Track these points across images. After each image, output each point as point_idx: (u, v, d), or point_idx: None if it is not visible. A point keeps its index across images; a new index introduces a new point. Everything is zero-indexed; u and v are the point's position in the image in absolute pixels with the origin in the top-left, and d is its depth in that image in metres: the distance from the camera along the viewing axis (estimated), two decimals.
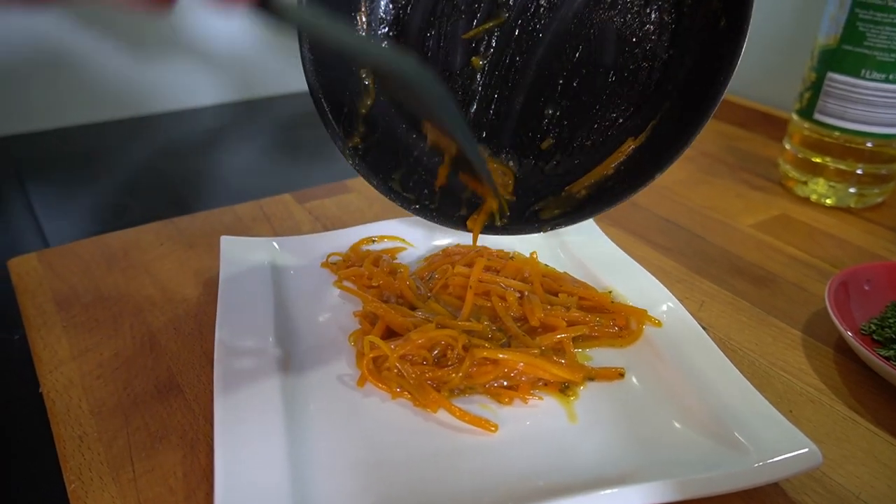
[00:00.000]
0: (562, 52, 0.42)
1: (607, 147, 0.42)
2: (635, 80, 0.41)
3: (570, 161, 0.43)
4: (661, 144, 0.39)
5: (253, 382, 0.35)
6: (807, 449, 0.32)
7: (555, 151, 0.43)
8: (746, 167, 0.70)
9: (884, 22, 0.52)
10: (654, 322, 0.41)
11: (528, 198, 0.43)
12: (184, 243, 0.53)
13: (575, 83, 0.42)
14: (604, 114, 0.41)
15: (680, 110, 0.38)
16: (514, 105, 0.43)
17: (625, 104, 0.41)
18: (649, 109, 0.40)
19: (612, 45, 0.41)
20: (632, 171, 0.40)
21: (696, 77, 0.38)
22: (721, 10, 0.35)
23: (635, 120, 0.41)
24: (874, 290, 0.45)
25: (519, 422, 0.35)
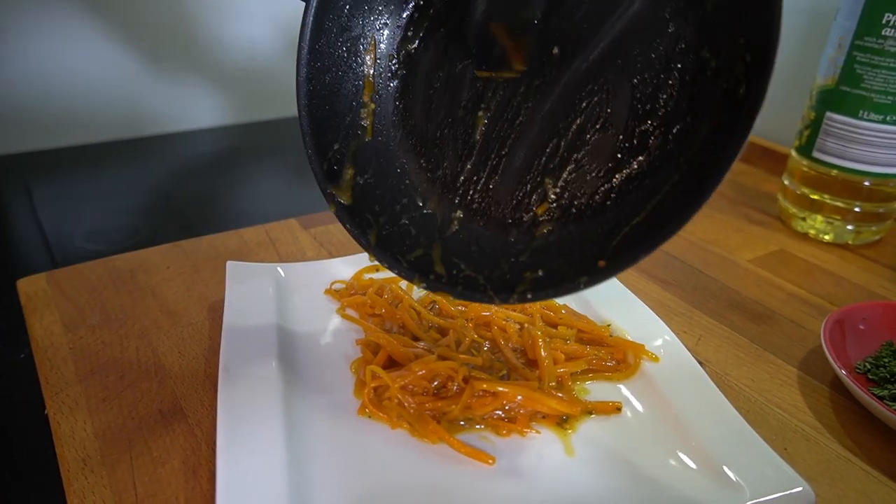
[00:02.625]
0: (570, 109, 0.38)
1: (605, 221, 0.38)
2: (645, 149, 0.37)
3: (564, 230, 0.38)
4: (658, 223, 0.35)
5: (255, 409, 0.36)
6: (801, 488, 0.32)
7: (549, 219, 0.39)
8: (747, 201, 0.71)
9: (881, 65, 0.54)
10: (652, 357, 0.42)
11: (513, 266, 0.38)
12: (190, 267, 0.53)
13: (580, 144, 0.38)
14: (606, 181, 0.38)
15: (685, 185, 0.35)
16: (513, 161, 0.40)
17: (630, 175, 0.37)
18: (654, 185, 0.37)
19: (624, 107, 0.37)
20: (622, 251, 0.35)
21: (707, 150, 0.34)
22: (743, 77, 0.32)
23: (638, 195, 0.37)
24: (869, 328, 0.45)
25: (516, 454, 0.36)
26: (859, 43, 0.55)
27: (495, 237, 0.39)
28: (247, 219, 0.62)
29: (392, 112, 0.41)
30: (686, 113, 0.35)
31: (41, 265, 0.54)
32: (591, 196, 0.37)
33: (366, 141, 0.41)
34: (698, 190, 0.32)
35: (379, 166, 0.40)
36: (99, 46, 0.84)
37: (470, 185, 0.40)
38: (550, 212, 0.38)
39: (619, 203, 0.37)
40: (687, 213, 0.32)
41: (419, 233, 0.39)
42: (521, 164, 0.39)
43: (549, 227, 0.38)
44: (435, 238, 0.39)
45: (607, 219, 0.37)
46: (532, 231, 0.38)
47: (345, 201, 0.38)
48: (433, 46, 0.41)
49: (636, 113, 0.37)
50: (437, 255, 0.38)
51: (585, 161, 0.38)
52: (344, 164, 0.39)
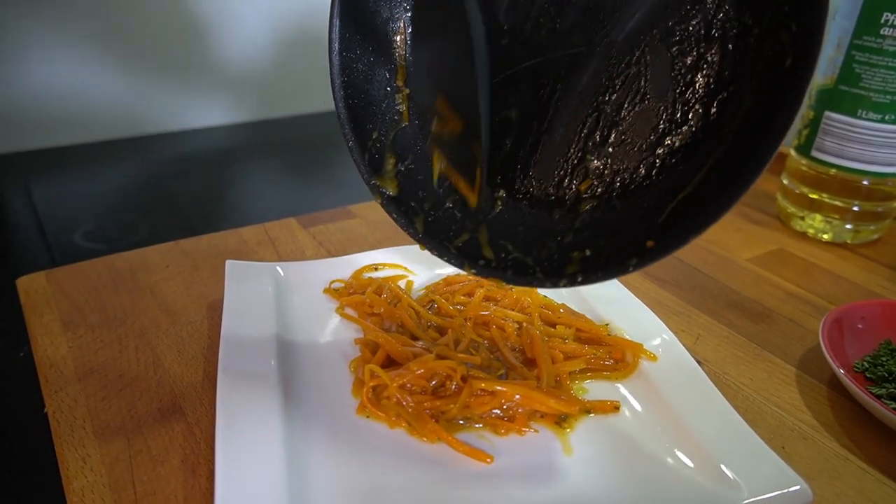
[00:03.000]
0: (609, 82, 0.37)
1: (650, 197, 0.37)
2: (687, 121, 0.36)
3: (608, 207, 0.38)
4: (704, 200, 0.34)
5: (254, 407, 0.36)
6: (798, 486, 0.32)
7: (592, 195, 0.38)
8: (745, 201, 0.71)
9: (879, 65, 0.54)
10: (650, 356, 0.42)
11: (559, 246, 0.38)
12: (189, 266, 0.54)
13: (620, 118, 0.37)
14: (649, 155, 0.37)
15: (732, 159, 0.34)
16: (553, 138, 0.39)
17: (674, 148, 0.37)
18: (699, 157, 0.36)
19: (664, 78, 0.36)
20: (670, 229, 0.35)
21: (753, 121, 0.33)
22: (789, 47, 0.31)
23: (683, 168, 0.36)
24: (868, 327, 0.45)
25: (515, 453, 0.36)
26: (858, 42, 0.55)
27: (539, 216, 0.38)
28: (246, 218, 0.62)
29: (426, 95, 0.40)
30: (729, 83, 0.34)
31: (41, 264, 0.54)
32: (634, 171, 0.37)
33: (403, 127, 0.40)
34: (747, 165, 0.31)
35: (418, 152, 0.40)
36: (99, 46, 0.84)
37: (510, 163, 0.39)
38: (593, 188, 0.38)
39: (663, 178, 0.36)
40: (736, 190, 0.31)
41: (464, 216, 0.39)
42: (561, 141, 0.38)
43: (592, 203, 0.38)
44: (480, 220, 0.39)
45: (652, 195, 0.36)
46: (576, 209, 0.38)
47: (391, 192, 0.38)
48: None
49: (676, 84, 0.36)
50: (484, 239, 0.38)
51: (627, 135, 0.37)
52: (384, 152, 0.39)
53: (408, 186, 0.39)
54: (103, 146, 0.88)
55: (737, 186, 0.31)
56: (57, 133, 0.86)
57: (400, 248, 0.52)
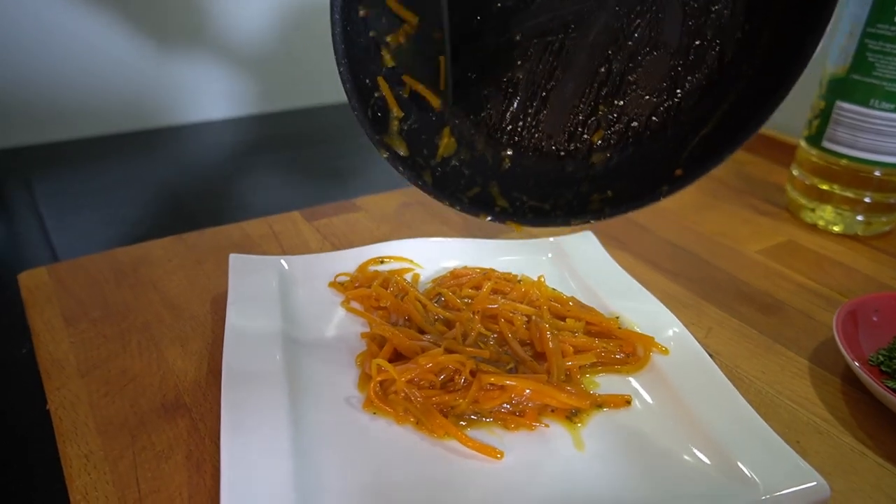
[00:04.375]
0: (619, 33, 0.37)
1: (667, 140, 0.37)
2: (703, 63, 0.35)
3: (623, 154, 0.37)
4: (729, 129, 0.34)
5: (259, 403, 0.35)
6: (815, 482, 0.32)
7: (606, 145, 0.38)
8: (754, 192, 0.70)
9: (893, 53, 0.53)
10: (661, 349, 0.41)
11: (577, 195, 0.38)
12: (192, 259, 0.53)
13: (632, 68, 0.37)
14: (665, 102, 0.36)
15: (756, 88, 0.33)
16: (563, 92, 0.38)
17: (690, 91, 0.36)
18: (718, 95, 0.35)
19: (676, 22, 0.35)
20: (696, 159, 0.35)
21: (775, 53, 0.33)
22: None
23: (702, 108, 0.36)
24: (882, 320, 0.45)
25: (525, 448, 0.35)
26: (871, 30, 0.54)
27: (551, 170, 0.38)
28: (250, 211, 0.62)
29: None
30: (744, 22, 0.33)
31: (43, 259, 0.53)
32: (648, 118, 0.37)
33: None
34: (775, 86, 0.31)
35: (421, 112, 0.39)
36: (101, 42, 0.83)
37: (517, 122, 0.39)
38: (607, 138, 0.37)
39: (680, 121, 0.36)
40: (765, 110, 0.31)
41: (473, 172, 0.38)
42: (571, 95, 0.38)
43: (607, 153, 0.37)
44: (490, 176, 0.38)
45: (669, 138, 0.36)
46: (589, 159, 0.38)
47: (401, 151, 0.37)
48: None
49: (689, 29, 0.35)
50: (496, 192, 0.38)
51: (640, 83, 0.37)
52: (388, 111, 0.38)
53: (412, 144, 0.38)
54: (106, 141, 0.87)
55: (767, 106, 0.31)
56: (59, 128, 0.85)
57: (406, 241, 0.52)
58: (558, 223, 0.36)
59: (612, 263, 0.50)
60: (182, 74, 0.91)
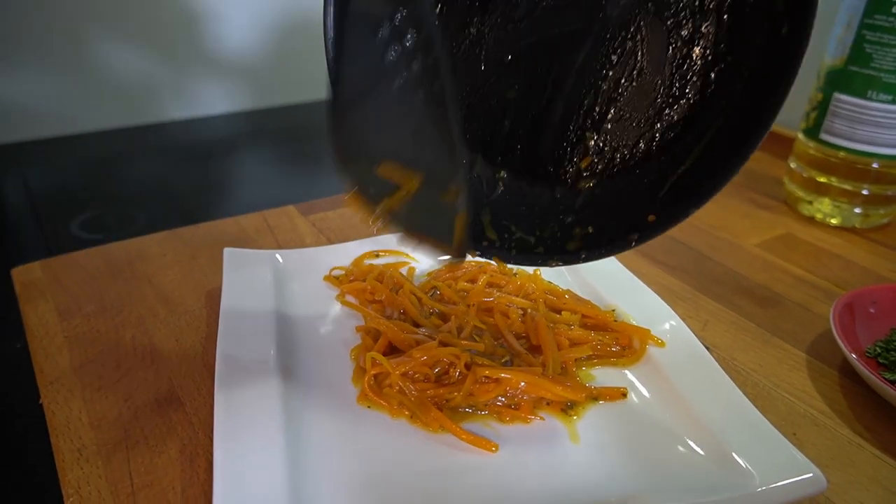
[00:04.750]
0: (605, 58, 0.37)
1: (650, 172, 0.37)
2: (685, 94, 0.36)
3: (609, 184, 0.38)
4: (703, 173, 0.34)
5: (253, 397, 0.35)
6: (811, 474, 0.31)
7: (593, 173, 0.38)
8: (752, 185, 0.70)
9: (891, 44, 0.52)
10: (657, 342, 0.41)
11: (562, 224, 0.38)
12: (187, 254, 0.53)
13: (618, 95, 0.37)
14: (648, 130, 0.37)
15: (730, 132, 0.34)
16: (552, 117, 0.38)
17: (673, 122, 0.37)
18: (699, 130, 0.36)
19: (661, 53, 0.36)
20: (671, 204, 0.36)
21: (751, 92, 0.33)
22: (784, 14, 0.31)
23: (683, 142, 0.36)
24: (879, 312, 0.44)
25: (520, 441, 0.35)
26: (869, 21, 0.53)
27: (541, 195, 0.38)
28: (245, 206, 0.61)
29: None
30: (725, 54, 0.34)
31: (37, 254, 0.53)
32: (633, 147, 0.37)
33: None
34: (744, 137, 0.31)
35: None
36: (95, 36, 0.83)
37: (511, 143, 0.39)
38: (594, 165, 0.38)
39: (662, 152, 0.36)
40: (734, 162, 0.32)
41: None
42: (561, 119, 0.38)
43: (593, 180, 0.38)
44: (483, 202, 0.38)
45: (652, 170, 0.36)
46: (577, 186, 0.38)
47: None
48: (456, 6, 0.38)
49: (673, 58, 0.36)
50: (488, 221, 0.38)
51: (625, 111, 0.37)
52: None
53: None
54: (100, 136, 0.87)
55: (735, 159, 0.32)
56: (53, 122, 0.85)
57: None
58: (538, 262, 0.36)
59: None
60: (177, 70, 0.90)
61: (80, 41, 0.82)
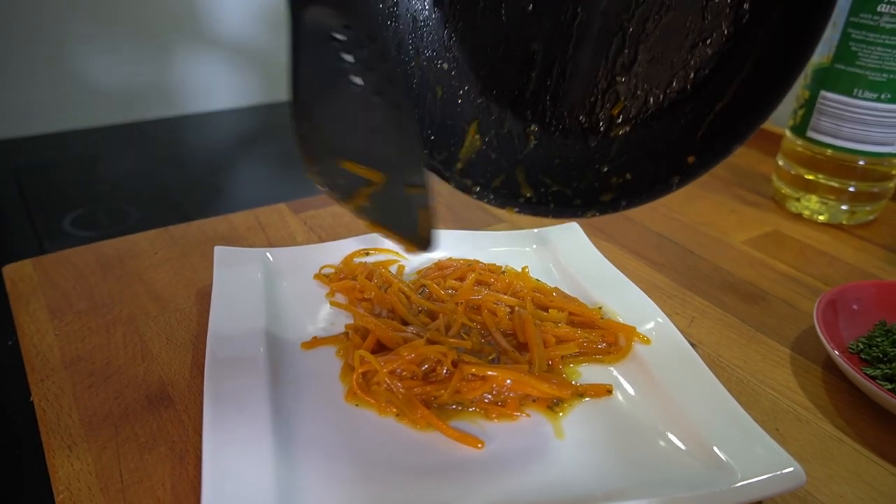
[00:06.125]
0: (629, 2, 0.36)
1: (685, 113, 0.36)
2: (718, 26, 0.35)
3: (643, 129, 0.37)
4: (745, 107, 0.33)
5: (243, 394, 0.36)
6: (791, 469, 0.32)
7: (626, 119, 0.37)
8: (740, 182, 0.70)
9: (875, 42, 0.53)
10: (643, 339, 0.41)
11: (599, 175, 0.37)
12: (178, 252, 0.53)
13: (647, 35, 0.36)
14: (680, 70, 0.36)
15: (769, 61, 0.33)
16: (580, 64, 0.37)
17: (706, 59, 0.35)
18: (734, 64, 0.34)
19: None
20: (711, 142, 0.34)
21: (788, 18, 0.32)
22: None
23: (718, 79, 0.35)
24: (862, 308, 0.45)
25: (507, 438, 0.35)
26: (854, 20, 0.54)
27: (575, 146, 0.38)
28: (236, 204, 0.62)
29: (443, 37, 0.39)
30: None
31: (29, 251, 0.53)
32: (666, 88, 0.36)
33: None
34: (785, 66, 0.30)
35: (444, 95, 0.38)
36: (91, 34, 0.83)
37: (539, 95, 0.38)
38: (627, 110, 0.37)
39: (698, 91, 0.35)
40: (775, 94, 0.30)
41: (499, 156, 0.38)
42: (588, 66, 0.37)
43: (627, 127, 0.37)
44: (515, 159, 0.38)
45: (687, 110, 0.35)
46: (610, 134, 0.37)
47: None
48: None
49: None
50: (522, 178, 0.37)
51: (655, 52, 0.36)
52: None
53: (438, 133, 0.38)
54: (93, 132, 0.87)
55: (776, 88, 0.30)
56: (46, 120, 0.85)
57: None
58: (578, 213, 0.35)
59: (597, 254, 0.51)
60: (169, 67, 0.90)
61: (70, 38, 0.82)
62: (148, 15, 0.86)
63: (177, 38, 0.89)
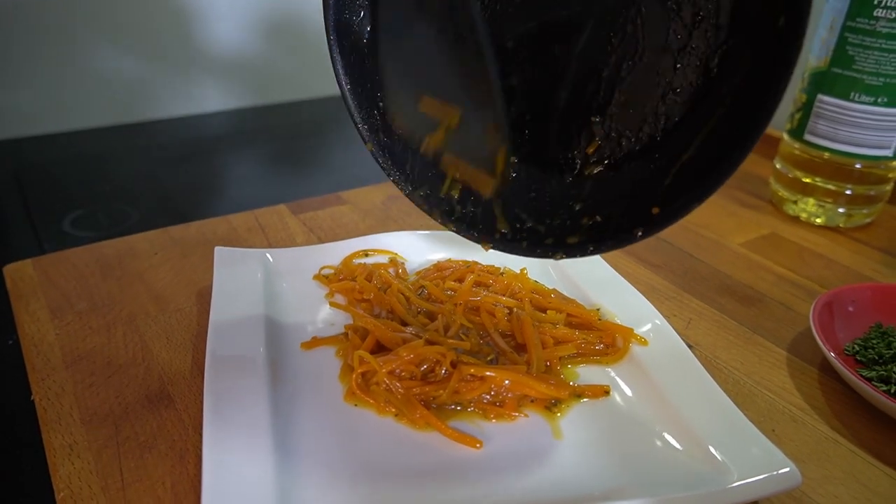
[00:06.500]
0: (606, 42, 0.37)
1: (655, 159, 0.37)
2: (686, 78, 0.36)
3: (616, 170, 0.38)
4: (705, 166, 0.35)
5: (242, 394, 0.36)
6: (787, 469, 0.32)
7: (600, 159, 0.38)
8: (738, 185, 0.71)
9: (872, 46, 0.53)
10: (641, 340, 0.42)
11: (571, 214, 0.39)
12: (178, 253, 0.53)
13: (621, 78, 0.38)
14: (651, 115, 0.37)
15: (731, 122, 0.34)
16: (557, 102, 0.39)
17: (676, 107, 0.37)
18: (701, 116, 0.36)
19: (662, 35, 0.36)
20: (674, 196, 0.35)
21: (752, 81, 0.34)
22: (782, 5, 0.31)
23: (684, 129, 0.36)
24: (858, 311, 0.45)
25: (505, 438, 0.36)
26: (851, 24, 0.54)
27: (552, 181, 0.39)
28: (236, 205, 0.62)
29: None
30: (725, 40, 0.34)
31: (29, 251, 0.53)
32: (638, 132, 0.37)
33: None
34: (746, 130, 0.31)
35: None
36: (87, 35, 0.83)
37: (518, 129, 0.39)
38: (600, 151, 0.38)
39: (666, 140, 0.36)
40: (737, 156, 0.31)
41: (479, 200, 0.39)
42: (566, 104, 0.39)
43: (600, 167, 0.38)
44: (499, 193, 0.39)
45: (656, 158, 0.36)
46: (585, 172, 0.38)
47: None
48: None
49: (673, 41, 0.36)
50: (500, 211, 0.38)
51: (629, 95, 0.37)
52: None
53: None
54: (93, 133, 0.87)
55: (738, 150, 0.32)
56: (46, 121, 0.85)
57: (390, 233, 0.52)
58: (548, 254, 0.36)
59: (595, 256, 0.51)
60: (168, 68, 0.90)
61: (72, 39, 0.83)
62: (147, 17, 0.86)
63: (176, 40, 0.89)
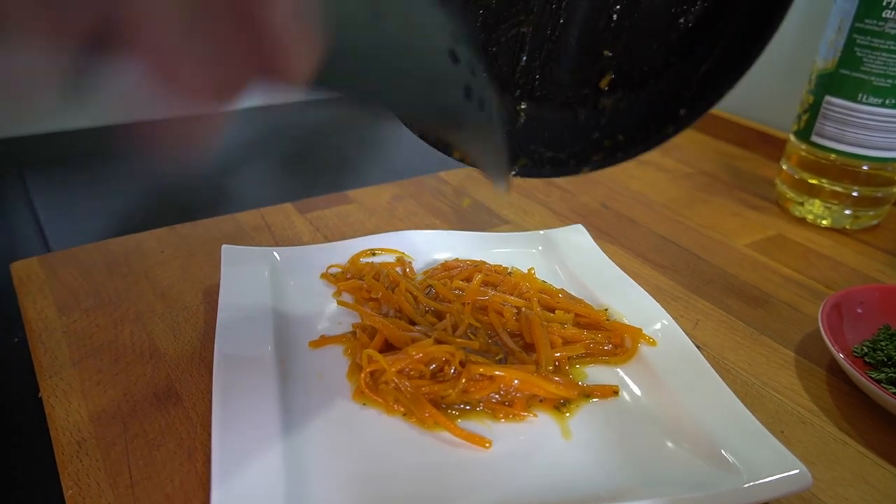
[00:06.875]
0: None
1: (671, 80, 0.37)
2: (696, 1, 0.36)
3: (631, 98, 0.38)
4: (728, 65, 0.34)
5: (251, 392, 0.36)
6: (797, 470, 0.32)
7: (614, 90, 0.38)
8: (744, 186, 0.71)
9: (881, 48, 0.53)
10: (649, 341, 0.41)
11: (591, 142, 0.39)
12: (185, 250, 0.53)
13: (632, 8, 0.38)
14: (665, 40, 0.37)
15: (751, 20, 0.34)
16: (568, 42, 0.39)
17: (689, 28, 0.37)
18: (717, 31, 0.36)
19: None
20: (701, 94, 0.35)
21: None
22: None
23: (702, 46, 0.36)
24: (867, 312, 0.45)
25: (514, 438, 0.36)
26: (859, 25, 0.54)
27: (565, 120, 0.39)
28: (243, 203, 0.62)
29: None
30: None
31: (36, 249, 0.53)
32: (651, 58, 0.37)
33: None
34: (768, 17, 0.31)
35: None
36: None
37: (528, 75, 0.39)
38: (614, 83, 0.38)
39: (682, 60, 0.36)
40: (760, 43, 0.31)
41: None
42: (577, 43, 0.39)
43: (615, 97, 0.38)
44: (507, 134, 0.39)
45: (675, 75, 0.37)
46: (599, 105, 0.39)
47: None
48: None
49: None
50: (517, 148, 0.39)
51: (640, 25, 0.37)
52: None
53: None
54: (100, 131, 0.87)
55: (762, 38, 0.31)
56: (52, 118, 0.85)
57: (397, 233, 0.52)
58: (572, 171, 0.37)
59: (602, 256, 0.51)
60: None
61: None
62: None
63: None
